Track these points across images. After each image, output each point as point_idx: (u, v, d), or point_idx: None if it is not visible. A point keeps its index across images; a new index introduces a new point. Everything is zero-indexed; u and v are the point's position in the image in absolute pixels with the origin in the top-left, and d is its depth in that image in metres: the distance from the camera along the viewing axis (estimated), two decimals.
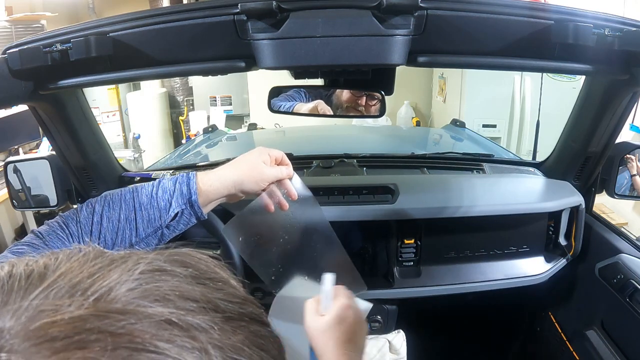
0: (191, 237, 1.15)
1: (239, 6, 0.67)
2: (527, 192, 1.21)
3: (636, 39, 0.67)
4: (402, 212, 1.09)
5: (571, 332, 1.25)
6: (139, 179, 1.27)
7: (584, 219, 1.16)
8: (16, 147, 3.39)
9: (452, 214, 1.09)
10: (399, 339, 1.20)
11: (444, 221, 1.12)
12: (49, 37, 0.70)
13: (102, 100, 4.53)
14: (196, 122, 4.67)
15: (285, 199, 0.77)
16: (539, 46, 0.72)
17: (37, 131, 3.34)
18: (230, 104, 4.88)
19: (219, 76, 0.91)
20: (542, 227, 1.19)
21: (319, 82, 0.94)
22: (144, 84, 4.82)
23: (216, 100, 4.86)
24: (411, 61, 0.73)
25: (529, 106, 3.29)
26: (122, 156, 3.79)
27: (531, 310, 1.46)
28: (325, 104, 0.97)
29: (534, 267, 1.18)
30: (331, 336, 0.67)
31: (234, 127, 4.37)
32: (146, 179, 1.25)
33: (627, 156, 1.13)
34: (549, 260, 1.19)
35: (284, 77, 0.94)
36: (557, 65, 0.74)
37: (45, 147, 3.43)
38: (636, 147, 1.13)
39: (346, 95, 0.96)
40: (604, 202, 2.86)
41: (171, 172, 1.33)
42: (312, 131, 2.45)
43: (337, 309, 0.69)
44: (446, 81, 3.98)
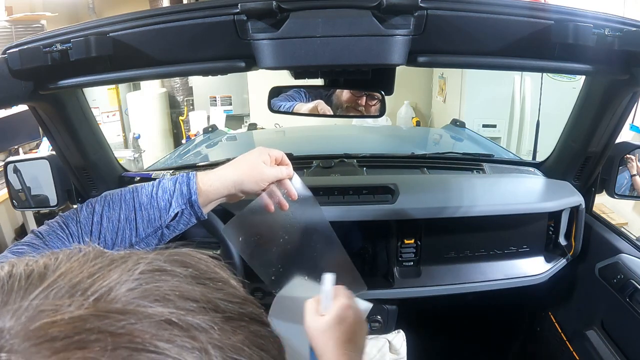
0: (191, 237, 1.15)
1: (239, 6, 0.67)
2: (527, 192, 1.21)
3: (636, 39, 0.67)
4: (402, 212, 1.09)
5: (571, 332, 1.25)
6: (139, 179, 1.27)
7: (584, 219, 1.16)
8: (16, 147, 3.39)
9: (452, 214, 1.09)
10: (399, 339, 1.20)
11: (444, 221, 1.12)
12: (49, 37, 0.70)
13: (102, 100, 4.53)
14: (196, 122, 4.67)
15: (285, 199, 0.77)
16: (539, 46, 0.72)
17: (37, 131, 3.34)
18: (230, 104, 4.88)
19: (219, 76, 0.91)
20: (542, 227, 1.19)
21: (319, 82, 0.94)
22: (144, 84, 4.82)
23: (216, 100, 4.86)
24: (411, 61, 0.73)
25: (529, 106, 3.28)
26: (122, 156, 3.79)
27: (531, 310, 1.46)
28: (325, 104, 0.97)
29: (534, 267, 1.18)
30: (331, 336, 0.67)
31: (234, 127, 4.37)
32: (146, 179, 1.25)
33: (627, 156, 1.13)
34: (549, 260, 1.19)
35: (284, 77, 0.94)
36: (557, 65, 0.74)
37: (45, 147, 3.43)
38: (636, 147, 1.13)
39: (346, 95, 0.96)
40: (604, 202, 2.86)
41: (171, 172, 1.33)
42: (312, 131, 2.44)
43: (337, 309, 0.69)
44: (446, 81, 3.97)
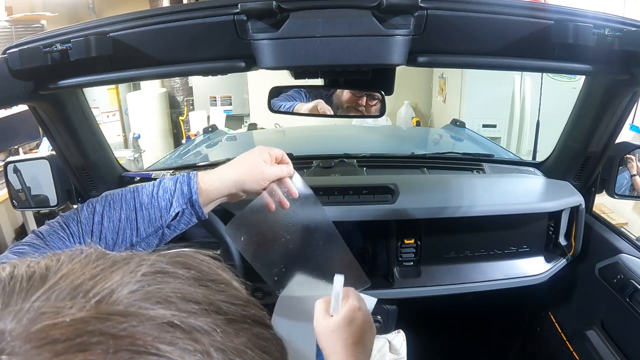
0: (191, 237, 1.15)
1: (239, 6, 0.67)
2: (527, 192, 1.21)
3: (636, 39, 0.67)
4: (402, 212, 1.09)
5: (571, 332, 1.25)
6: (139, 179, 1.27)
7: (584, 219, 1.16)
8: (16, 147, 3.39)
9: (452, 214, 1.09)
10: (399, 339, 1.20)
11: (444, 221, 1.12)
12: (49, 37, 0.70)
13: (102, 100, 4.53)
14: (196, 122, 4.67)
15: (286, 198, 0.77)
16: (539, 46, 0.72)
17: (37, 131, 3.34)
18: (230, 104, 4.88)
19: (219, 76, 0.91)
20: (542, 227, 1.19)
21: (319, 82, 0.94)
22: (144, 84, 4.82)
23: (216, 100, 4.86)
24: (411, 61, 0.73)
25: (529, 106, 3.28)
26: (122, 156, 3.79)
27: (531, 310, 1.46)
28: (325, 104, 0.97)
29: (534, 267, 1.18)
30: (340, 337, 0.67)
31: (234, 127, 4.37)
32: (146, 179, 1.25)
33: (627, 156, 1.13)
34: (549, 260, 1.19)
35: (284, 77, 0.94)
36: (557, 65, 0.74)
37: (45, 147, 3.43)
38: (636, 147, 1.13)
39: (346, 95, 0.96)
40: (604, 202, 2.86)
41: (171, 172, 1.33)
42: (312, 131, 2.44)
43: (347, 311, 0.70)
44: (446, 81, 3.97)
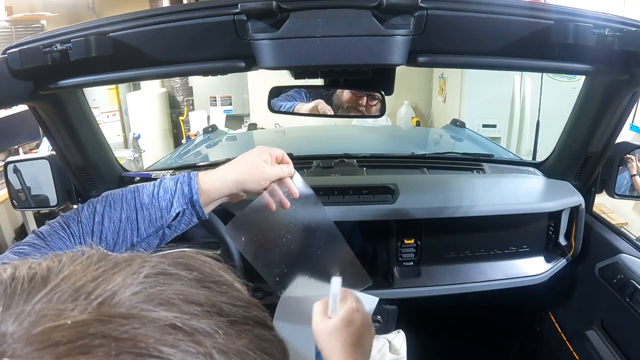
0: (191, 237, 1.15)
1: (239, 6, 0.67)
2: (527, 192, 1.21)
3: (636, 39, 0.67)
4: (402, 212, 1.09)
5: (571, 332, 1.25)
6: (139, 179, 1.27)
7: (584, 219, 1.16)
8: (16, 147, 3.39)
9: (452, 214, 1.09)
10: (399, 339, 1.20)
11: (444, 221, 1.12)
12: (49, 37, 0.70)
13: (102, 100, 4.53)
14: (196, 122, 4.67)
15: (287, 198, 0.77)
16: (539, 46, 0.72)
17: (37, 131, 3.34)
18: (230, 104, 4.88)
19: (219, 76, 0.91)
20: (542, 227, 1.19)
21: (319, 82, 0.94)
22: (144, 84, 4.83)
23: (216, 100, 4.86)
24: (411, 61, 0.73)
25: (529, 106, 3.28)
26: (122, 156, 3.79)
27: (531, 310, 1.46)
28: (325, 104, 0.97)
29: (534, 267, 1.18)
30: (338, 338, 0.68)
31: (234, 127, 4.37)
32: (146, 179, 1.25)
33: (627, 156, 1.13)
34: (549, 260, 1.19)
35: (284, 77, 0.94)
36: (557, 65, 0.74)
37: (45, 147, 3.43)
38: (636, 147, 1.13)
39: (347, 95, 0.96)
40: (604, 202, 2.86)
41: (171, 172, 1.33)
42: (312, 131, 2.44)
43: (345, 312, 0.70)
44: (446, 81, 3.97)
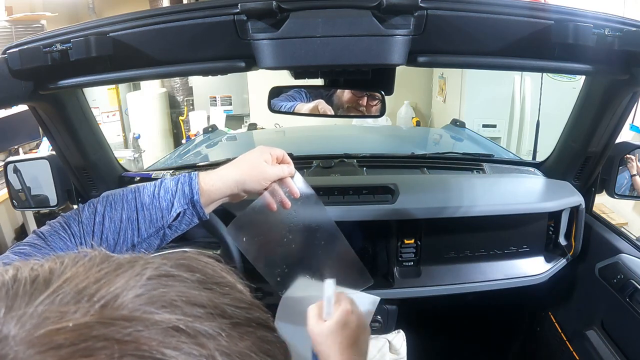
0: (191, 237, 1.15)
1: (239, 6, 0.67)
2: (527, 192, 1.21)
3: (636, 39, 0.67)
4: (402, 212, 1.09)
5: (571, 332, 1.25)
6: (139, 179, 1.27)
7: (584, 219, 1.16)
8: (16, 147, 3.39)
9: (452, 214, 1.09)
10: (399, 339, 1.20)
11: (444, 221, 1.12)
12: (49, 37, 0.70)
13: (102, 100, 4.53)
14: (196, 122, 4.67)
15: (287, 198, 0.77)
16: (539, 46, 0.72)
17: (37, 131, 3.34)
18: (230, 104, 4.88)
19: (219, 76, 0.91)
20: (542, 227, 1.19)
21: (319, 82, 0.94)
22: (144, 84, 4.83)
23: (216, 100, 4.86)
24: (411, 61, 0.73)
25: (529, 106, 3.28)
26: (122, 156, 3.79)
27: (531, 310, 1.46)
28: (326, 104, 0.97)
29: (534, 267, 1.18)
30: (334, 341, 0.68)
31: (234, 127, 4.37)
32: (146, 179, 1.25)
33: (627, 156, 1.13)
34: (549, 260, 1.19)
35: (284, 77, 0.94)
36: (557, 65, 0.74)
37: (45, 147, 3.43)
38: (636, 147, 1.13)
39: (347, 95, 0.96)
40: (604, 202, 2.86)
41: (171, 172, 1.33)
42: (312, 131, 2.44)
43: (340, 315, 0.70)
44: (446, 81, 3.97)
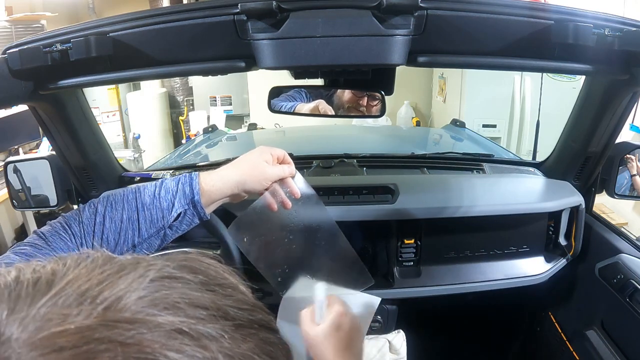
0: (191, 236, 1.15)
1: (239, 6, 0.67)
2: (527, 192, 1.21)
3: (636, 39, 0.67)
4: (402, 212, 1.09)
5: (571, 332, 1.25)
6: (139, 179, 1.27)
7: (584, 219, 1.16)
8: (16, 147, 3.39)
9: (452, 214, 1.09)
10: (399, 339, 1.20)
11: (444, 221, 1.12)
12: (49, 37, 0.70)
13: (102, 100, 4.53)
14: (196, 122, 4.67)
15: (288, 198, 0.77)
16: (539, 46, 0.71)
17: (37, 131, 3.34)
18: (230, 104, 4.88)
19: (219, 76, 0.91)
20: (542, 227, 1.19)
21: (319, 82, 0.94)
22: (144, 84, 4.83)
23: (216, 100, 4.86)
24: (411, 61, 0.73)
25: (529, 106, 3.28)
26: (122, 156, 3.79)
27: (531, 310, 1.46)
28: (326, 104, 0.97)
29: (534, 267, 1.18)
30: (329, 344, 0.67)
31: (234, 127, 4.37)
32: (146, 179, 1.25)
33: (627, 156, 1.13)
34: (549, 260, 1.19)
35: (284, 77, 0.94)
36: (557, 65, 0.74)
37: (45, 147, 3.43)
38: (636, 147, 1.13)
39: (347, 95, 0.96)
40: (604, 202, 2.86)
41: (171, 172, 1.33)
42: (312, 131, 2.44)
43: (333, 317, 0.70)
44: (446, 81, 3.97)
